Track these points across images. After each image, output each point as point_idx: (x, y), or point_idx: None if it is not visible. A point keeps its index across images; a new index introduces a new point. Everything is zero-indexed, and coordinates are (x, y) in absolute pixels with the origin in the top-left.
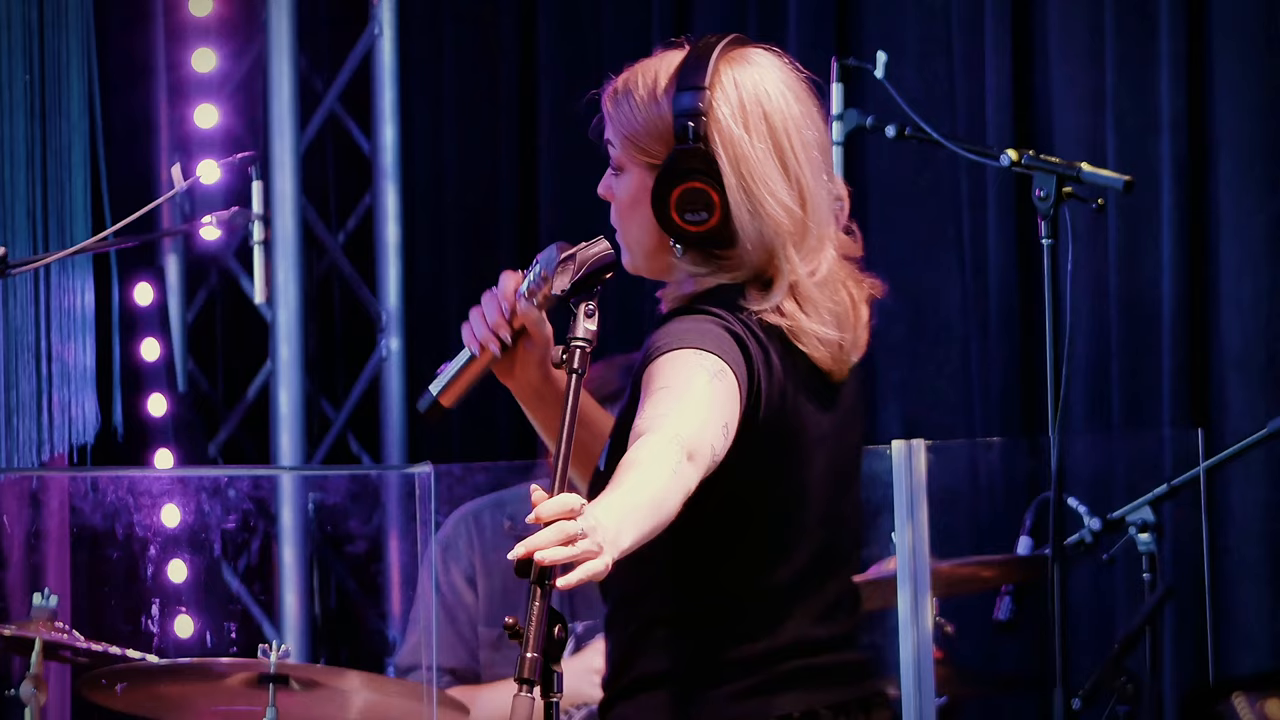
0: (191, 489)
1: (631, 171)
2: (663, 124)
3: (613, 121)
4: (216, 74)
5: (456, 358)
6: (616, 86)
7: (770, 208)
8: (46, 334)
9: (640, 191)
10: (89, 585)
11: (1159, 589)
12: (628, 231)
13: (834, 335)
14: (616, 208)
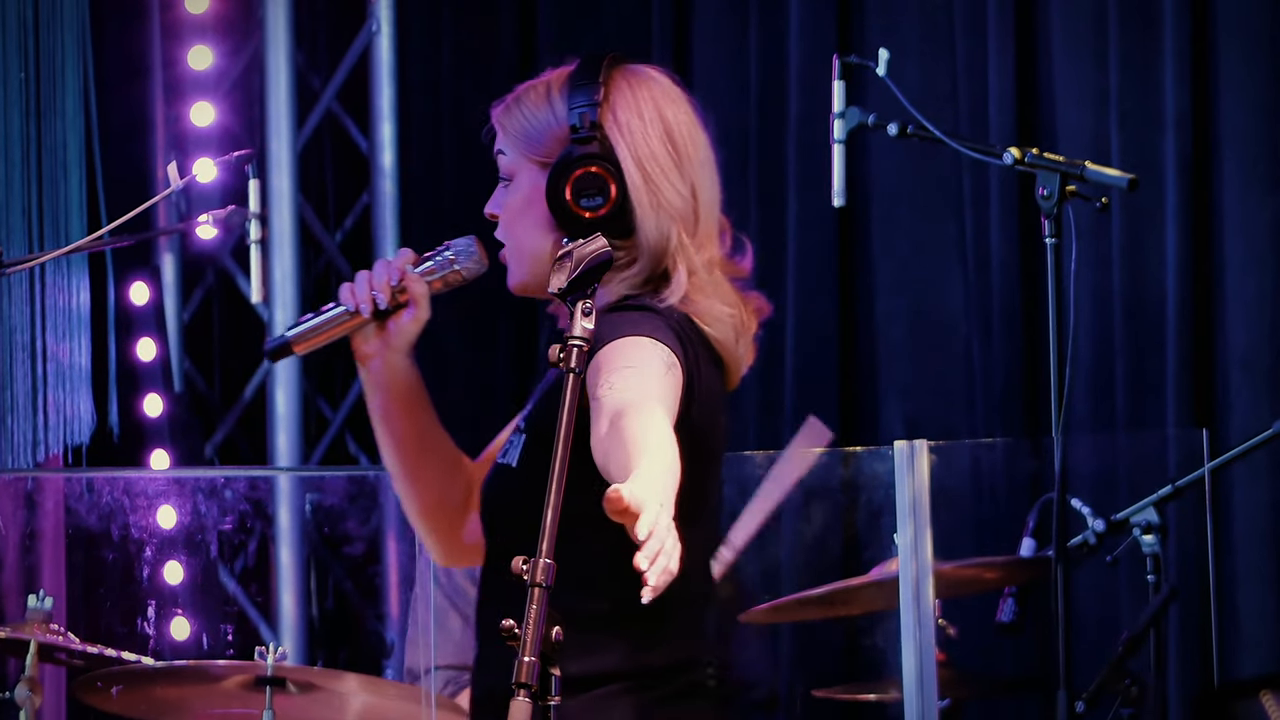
0: (188, 490)
1: (523, 175)
2: (556, 125)
3: (504, 129)
4: (213, 71)
5: (325, 310)
6: (508, 100)
7: (667, 192)
8: (42, 333)
9: (533, 192)
10: (84, 587)
11: (1163, 591)
12: (518, 239)
13: (731, 328)
14: (506, 217)
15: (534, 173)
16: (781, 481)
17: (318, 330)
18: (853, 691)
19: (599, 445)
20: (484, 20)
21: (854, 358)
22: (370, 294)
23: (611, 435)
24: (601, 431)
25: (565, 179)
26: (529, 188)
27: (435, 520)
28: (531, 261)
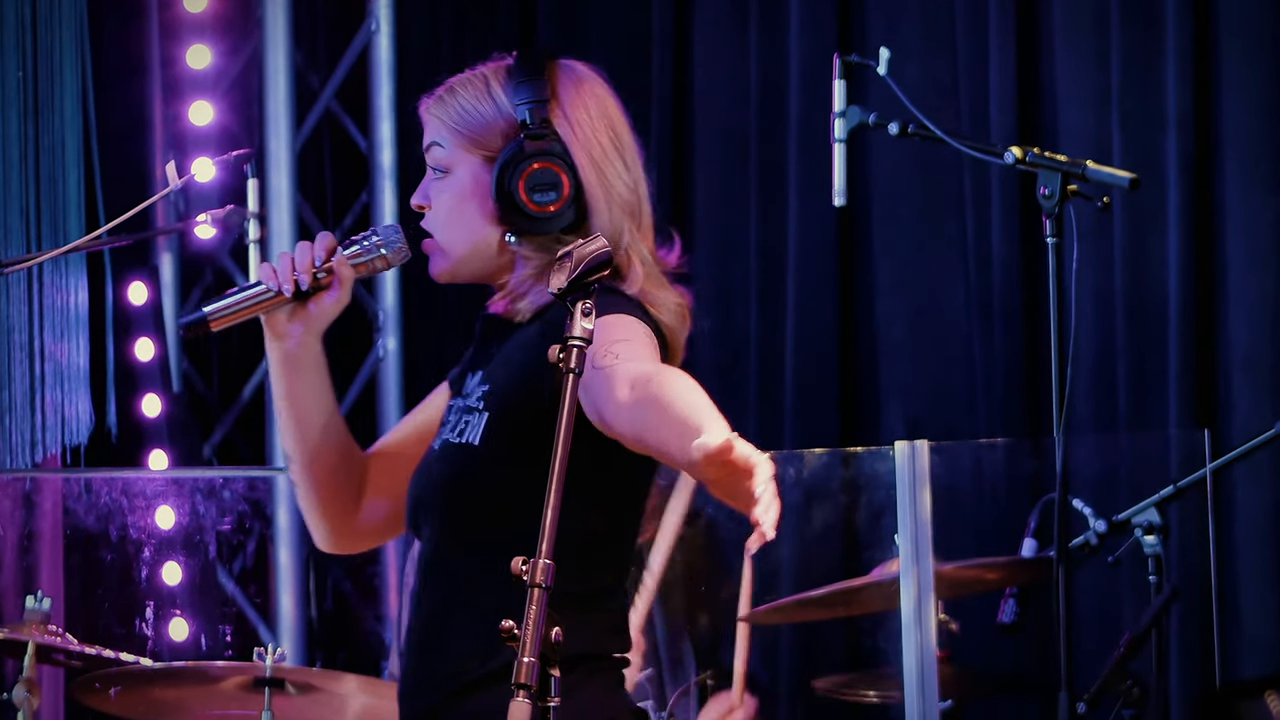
0: (186, 490)
1: (462, 168)
2: (500, 118)
3: (440, 121)
4: (211, 71)
5: (244, 288)
6: (439, 92)
7: (618, 185)
8: (40, 333)
9: (474, 185)
10: (82, 588)
11: (1165, 591)
12: (455, 231)
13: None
14: (441, 209)
15: (476, 165)
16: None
17: (237, 307)
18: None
19: (620, 411)
20: (484, 19)
21: (855, 357)
22: (293, 274)
23: (642, 399)
24: (621, 396)
25: (518, 174)
26: (470, 181)
27: (332, 507)
28: (470, 254)
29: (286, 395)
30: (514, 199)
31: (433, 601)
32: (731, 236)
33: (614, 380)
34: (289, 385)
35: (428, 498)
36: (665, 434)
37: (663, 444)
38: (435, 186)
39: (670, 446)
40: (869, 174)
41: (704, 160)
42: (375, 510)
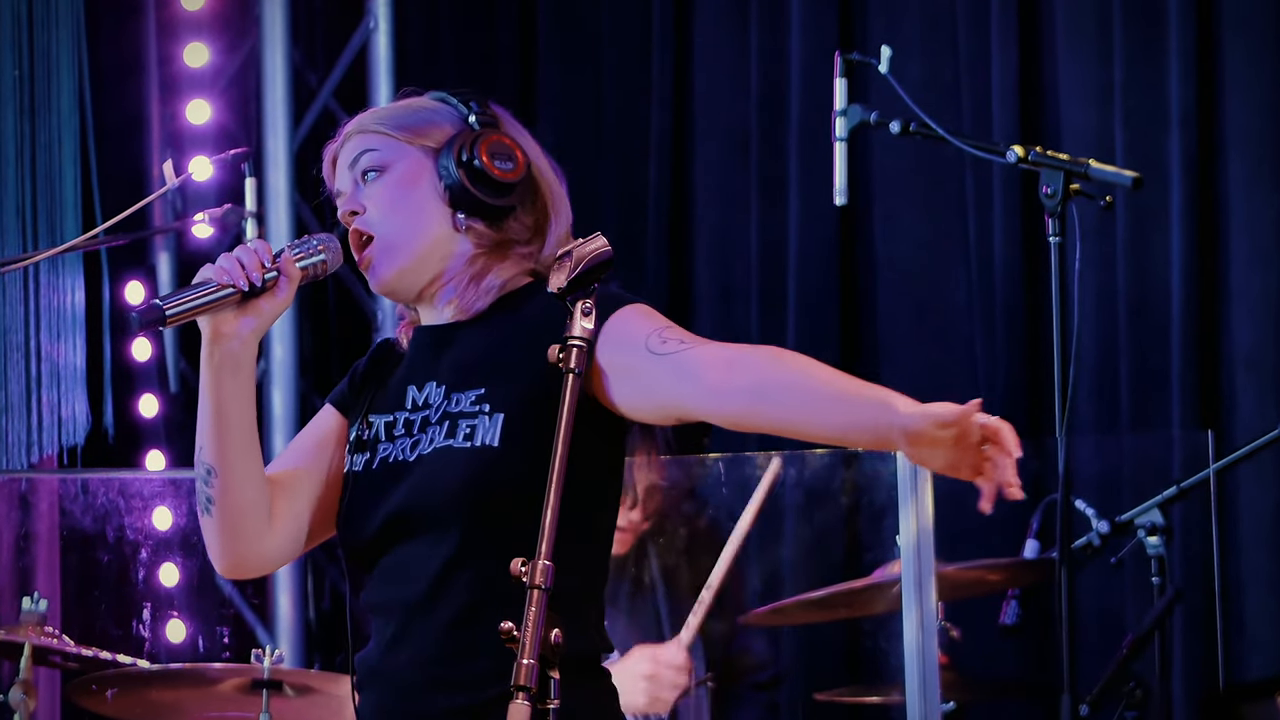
0: (183, 491)
1: (404, 161)
2: (444, 119)
3: (367, 134)
4: (209, 69)
5: (198, 285)
6: (363, 116)
7: (557, 187)
8: (36, 333)
9: (419, 170)
10: (79, 589)
11: (1168, 593)
12: (402, 218)
13: None
14: (383, 202)
15: (418, 155)
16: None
17: (195, 302)
18: (855, 694)
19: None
20: (483, 17)
21: (856, 357)
22: (245, 272)
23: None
24: (722, 380)
25: (478, 143)
26: (414, 169)
27: (248, 525)
28: (416, 243)
29: (220, 400)
30: (474, 166)
31: (458, 604)
32: (732, 236)
33: (700, 365)
34: (226, 389)
35: (437, 504)
36: (821, 408)
37: (814, 420)
38: (369, 189)
39: (830, 421)
40: (870, 173)
41: (704, 159)
42: (283, 532)
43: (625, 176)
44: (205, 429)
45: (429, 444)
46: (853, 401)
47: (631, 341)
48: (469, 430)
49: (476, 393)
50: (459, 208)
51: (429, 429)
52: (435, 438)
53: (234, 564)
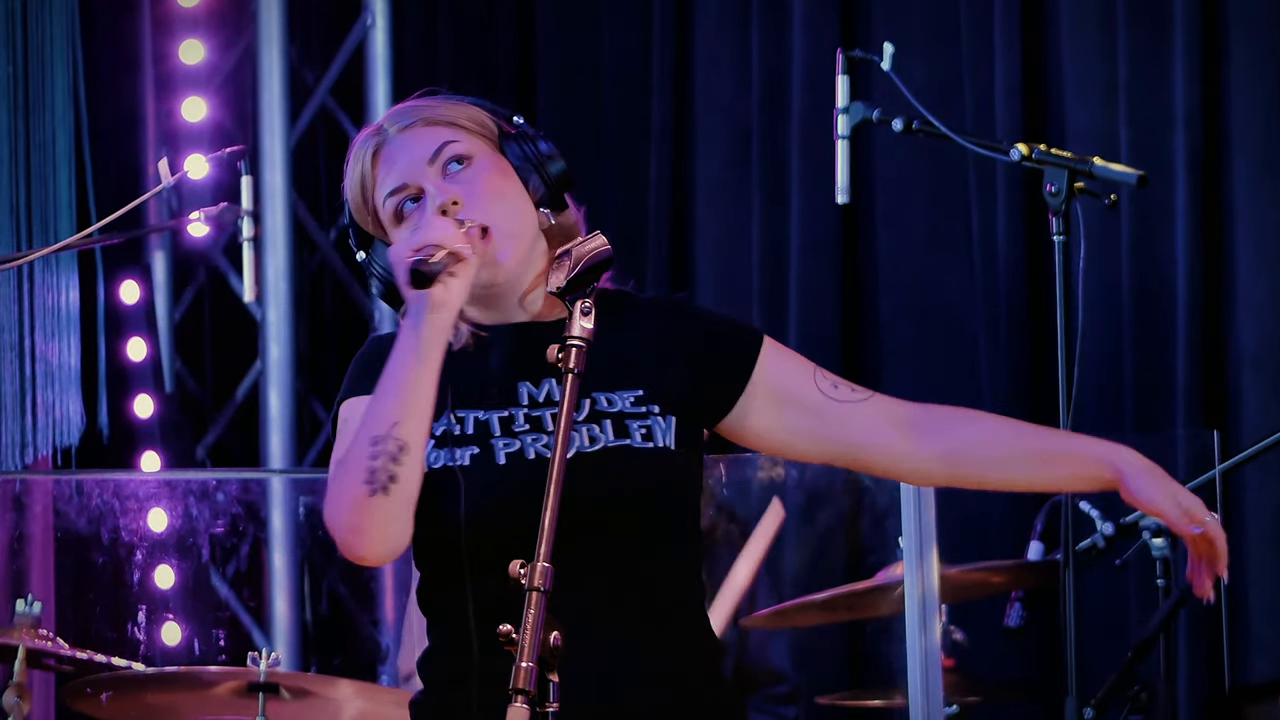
0: (179, 492)
1: (481, 154)
2: (485, 114)
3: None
4: (205, 66)
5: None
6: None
7: None
8: (30, 333)
9: (498, 161)
10: (74, 591)
11: (1173, 595)
12: (513, 210)
13: None
14: (487, 194)
15: (490, 149)
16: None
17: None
18: (858, 698)
19: (934, 457)
20: (481, 13)
21: (858, 357)
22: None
23: (977, 444)
24: (919, 443)
25: (539, 139)
26: (495, 158)
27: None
28: (531, 231)
29: (427, 374)
30: (548, 161)
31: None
32: (734, 234)
33: (887, 422)
34: (433, 362)
35: (626, 503)
36: (1034, 472)
37: (1017, 480)
38: (459, 178)
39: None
40: (872, 171)
41: (706, 157)
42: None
43: (625, 174)
44: (404, 404)
45: (591, 444)
46: (1060, 460)
47: (801, 375)
48: (644, 431)
49: (636, 393)
50: (540, 203)
51: (576, 428)
52: (600, 437)
53: (394, 548)
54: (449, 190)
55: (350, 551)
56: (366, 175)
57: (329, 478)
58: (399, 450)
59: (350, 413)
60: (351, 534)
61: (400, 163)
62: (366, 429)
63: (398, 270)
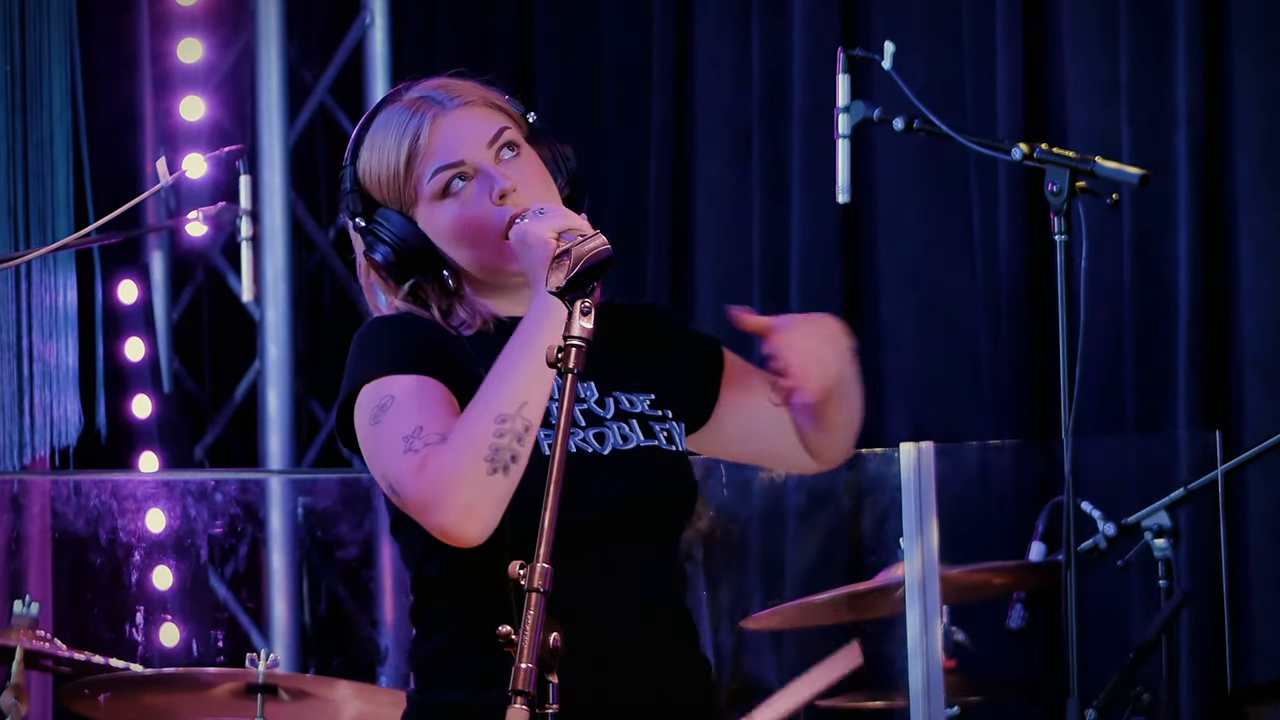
0: (177, 493)
1: (525, 147)
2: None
3: (497, 107)
4: (203, 65)
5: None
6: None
7: None
8: (28, 333)
9: (539, 161)
10: (71, 592)
11: (1175, 596)
12: (559, 203)
13: None
14: (538, 184)
15: (526, 145)
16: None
17: None
18: (858, 699)
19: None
20: (480, 11)
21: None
22: None
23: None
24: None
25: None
26: (536, 157)
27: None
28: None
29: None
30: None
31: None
32: (734, 234)
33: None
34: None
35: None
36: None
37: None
38: (511, 166)
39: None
40: (873, 170)
41: (706, 156)
42: None
43: (625, 173)
44: (533, 385)
45: (624, 441)
46: None
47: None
48: (666, 434)
49: (649, 397)
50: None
51: (607, 425)
52: (631, 436)
53: (491, 529)
54: (508, 175)
55: (455, 531)
56: (421, 143)
57: (416, 458)
58: (525, 430)
59: (396, 390)
60: (464, 513)
61: (462, 139)
62: (490, 407)
63: (539, 249)
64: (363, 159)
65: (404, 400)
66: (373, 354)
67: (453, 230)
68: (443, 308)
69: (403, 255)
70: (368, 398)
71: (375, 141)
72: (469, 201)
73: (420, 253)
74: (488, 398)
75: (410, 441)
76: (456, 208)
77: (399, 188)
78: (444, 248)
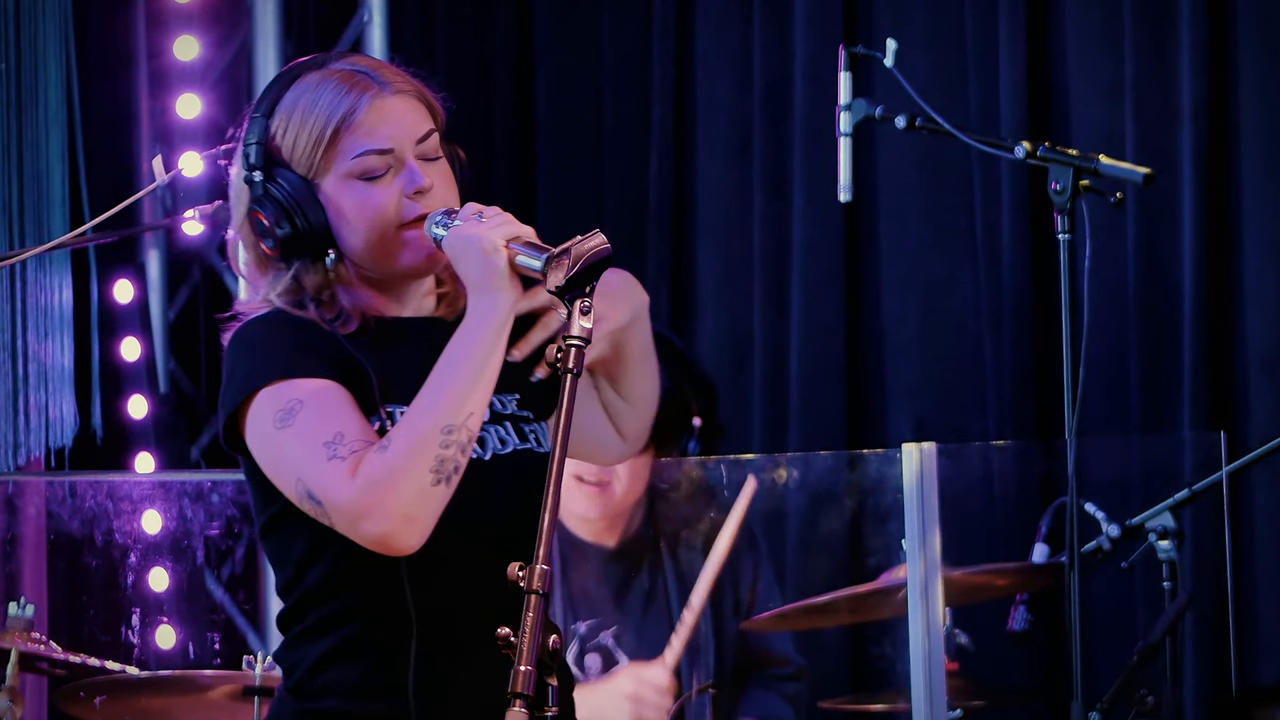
0: (173, 494)
1: (441, 155)
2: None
3: (429, 110)
4: (199, 62)
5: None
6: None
7: None
8: (23, 333)
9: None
10: (67, 594)
11: (1180, 597)
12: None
13: None
14: (449, 187)
15: (443, 147)
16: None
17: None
18: (860, 702)
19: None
20: (479, 9)
21: (861, 357)
22: None
23: None
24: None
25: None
26: (447, 162)
27: None
28: None
29: (499, 364)
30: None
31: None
32: (734, 233)
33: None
34: (503, 352)
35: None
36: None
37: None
38: (432, 166)
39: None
40: (875, 169)
41: (706, 154)
42: None
43: (625, 171)
44: (479, 393)
45: (503, 445)
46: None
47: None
48: (535, 436)
49: (515, 397)
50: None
51: (485, 429)
52: (508, 439)
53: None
54: (429, 175)
55: (393, 540)
56: (356, 118)
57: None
58: (468, 440)
59: (301, 393)
60: (405, 523)
61: (394, 127)
62: (437, 416)
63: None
64: (279, 116)
65: (314, 404)
66: (266, 356)
67: (356, 212)
68: (321, 298)
69: (295, 221)
70: (268, 401)
71: (302, 103)
72: (384, 189)
73: (313, 225)
74: (433, 406)
75: (334, 448)
76: (368, 192)
77: (313, 155)
78: (339, 227)
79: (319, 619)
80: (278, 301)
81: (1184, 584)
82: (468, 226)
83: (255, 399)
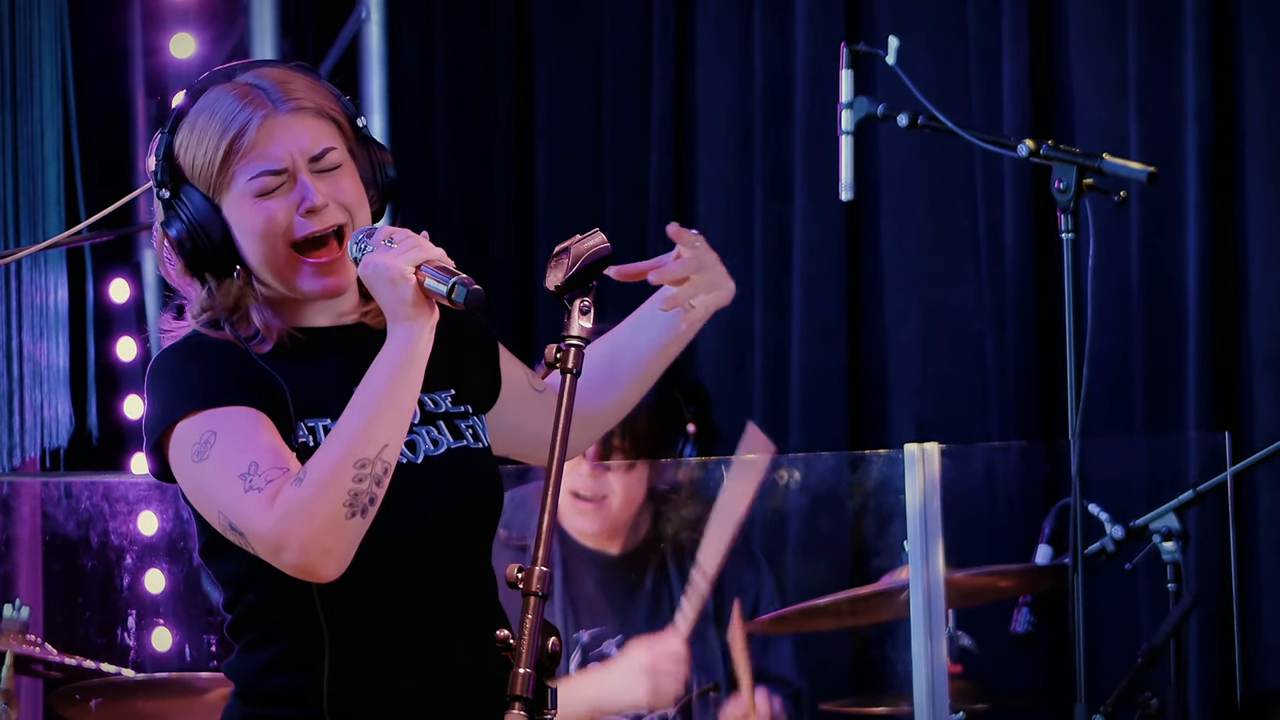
0: (170, 495)
1: (346, 157)
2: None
3: (327, 117)
4: (196, 60)
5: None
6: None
7: None
8: (18, 333)
9: (355, 169)
10: (62, 596)
11: (1184, 599)
12: (360, 223)
13: None
14: (353, 201)
15: (347, 151)
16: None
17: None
18: (862, 704)
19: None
20: (477, 7)
21: (863, 357)
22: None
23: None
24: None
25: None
26: (351, 163)
27: None
28: None
29: (416, 392)
30: (388, 171)
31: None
32: (735, 232)
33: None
34: (420, 379)
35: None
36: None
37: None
38: (329, 179)
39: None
40: (877, 167)
41: (707, 153)
42: None
43: (626, 170)
44: (394, 425)
45: (435, 446)
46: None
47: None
48: (472, 431)
49: (449, 393)
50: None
51: (415, 431)
52: (440, 439)
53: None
54: (322, 190)
55: (312, 571)
56: (245, 140)
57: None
58: (384, 472)
59: (216, 424)
60: (322, 555)
61: (286, 146)
62: (350, 450)
63: (400, 285)
64: (182, 134)
65: (228, 436)
66: (182, 387)
67: (253, 230)
68: (234, 317)
69: (198, 238)
70: (185, 434)
71: (198, 122)
72: (277, 207)
73: (215, 242)
74: (346, 439)
75: (249, 479)
76: (265, 209)
77: (211, 174)
78: (243, 242)
79: (258, 635)
80: (194, 324)
81: (1188, 586)
82: (377, 254)
83: (173, 433)
